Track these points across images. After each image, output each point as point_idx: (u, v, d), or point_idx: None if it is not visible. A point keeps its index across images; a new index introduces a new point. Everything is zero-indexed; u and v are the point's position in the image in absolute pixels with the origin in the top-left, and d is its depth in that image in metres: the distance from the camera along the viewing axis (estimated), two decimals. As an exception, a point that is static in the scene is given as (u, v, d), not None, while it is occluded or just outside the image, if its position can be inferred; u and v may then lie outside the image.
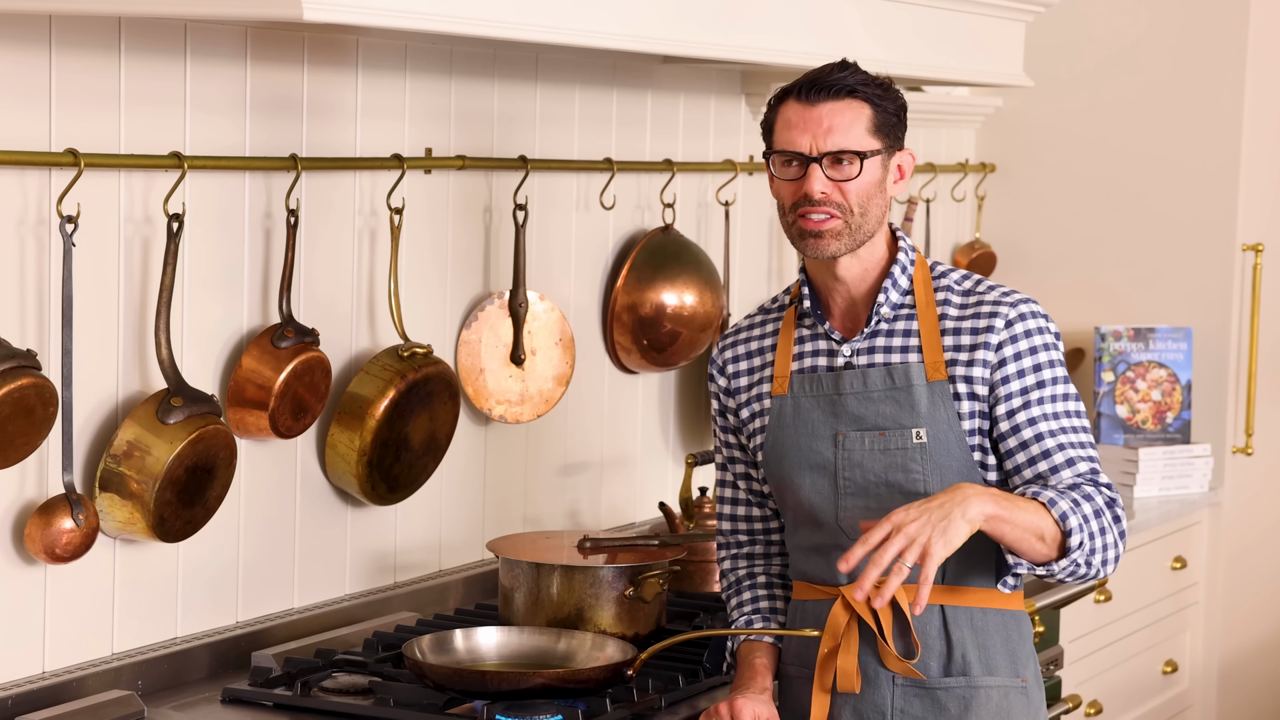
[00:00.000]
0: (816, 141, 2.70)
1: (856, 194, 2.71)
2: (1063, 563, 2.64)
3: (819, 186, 2.70)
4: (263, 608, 3.16)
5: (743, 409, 2.88)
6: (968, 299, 2.78)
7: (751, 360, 2.89)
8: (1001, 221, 5.27)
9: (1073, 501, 2.65)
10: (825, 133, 2.69)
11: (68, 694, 2.78)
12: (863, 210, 2.72)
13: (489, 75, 3.53)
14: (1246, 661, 5.06)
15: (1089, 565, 2.67)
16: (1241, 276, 4.95)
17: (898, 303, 2.79)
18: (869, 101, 2.71)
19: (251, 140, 3.06)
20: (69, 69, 2.75)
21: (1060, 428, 2.73)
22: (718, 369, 2.93)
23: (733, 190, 4.18)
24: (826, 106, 2.70)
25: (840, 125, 2.70)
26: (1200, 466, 4.90)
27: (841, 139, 2.69)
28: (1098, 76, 5.09)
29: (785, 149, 2.72)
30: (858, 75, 2.72)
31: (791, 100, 2.73)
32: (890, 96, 2.74)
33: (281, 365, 3.02)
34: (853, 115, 2.70)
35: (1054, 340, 2.76)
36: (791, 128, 2.72)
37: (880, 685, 2.76)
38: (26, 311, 2.74)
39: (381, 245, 3.32)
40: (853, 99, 2.71)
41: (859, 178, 2.70)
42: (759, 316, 2.92)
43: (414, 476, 3.34)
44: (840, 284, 2.78)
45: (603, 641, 2.99)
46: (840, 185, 2.70)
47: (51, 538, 2.72)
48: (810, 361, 2.82)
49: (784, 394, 2.82)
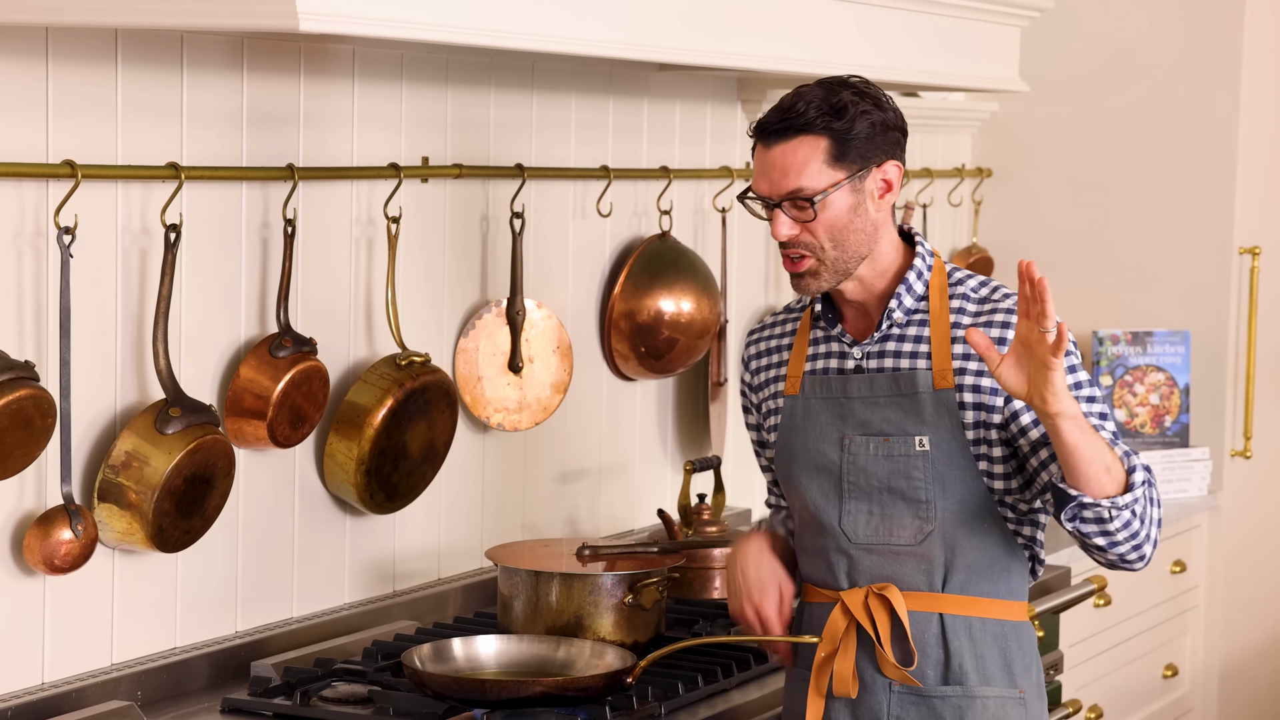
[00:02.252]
0: (773, 186, 2.69)
1: (825, 230, 2.69)
2: (1126, 497, 2.57)
3: (784, 230, 2.70)
4: (262, 617, 3.17)
5: (764, 404, 2.90)
6: (982, 307, 2.76)
7: (770, 358, 2.90)
8: (998, 226, 5.27)
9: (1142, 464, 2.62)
10: (780, 176, 2.68)
11: (67, 705, 2.78)
12: (836, 243, 2.70)
13: (485, 84, 3.54)
14: (1247, 665, 5.06)
15: (1143, 523, 2.61)
16: (1239, 279, 4.95)
17: (911, 308, 2.78)
18: (825, 133, 2.66)
19: (248, 150, 3.06)
20: (66, 80, 2.75)
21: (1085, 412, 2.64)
22: (744, 364, 2.96)
23: (729, 197, 4.18)
24: (779, 148, 2.68)
25: (794, 166, 2.67)
26: (1199, 470, 4.90)
27: (795, 180, 2.67)
28: (1093, 81, 5.10)
29: (755, 193, 2.73)
30: (817, 105, 2.66)
31: (758, 141, 2.72)
32: (853, 117, 2.67)
33: (279, 375, 3.03)
34: (805, 154, 2.67)
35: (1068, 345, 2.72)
36: (757, 170, 2.72)
37: (877, 691, 2.76)
38: (24, 323, 2.74)
39: (379, 254, 3.32)
40: (805, 135, 2.66)
41: (823, 215, 2.69)
42: (782, 315, 2.94)
43: (412, 485, 3.35)
44: (845, 295, 2.79)
45: (602, 649, 2.99)
46: (806, 226, 2.70)
47: (50, 549, 2.72)
48: (823, 363, 2.83)
49: (796, 394, 2.83)
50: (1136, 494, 2.59)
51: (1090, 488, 2.58)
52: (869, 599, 2.75)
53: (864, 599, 2.75)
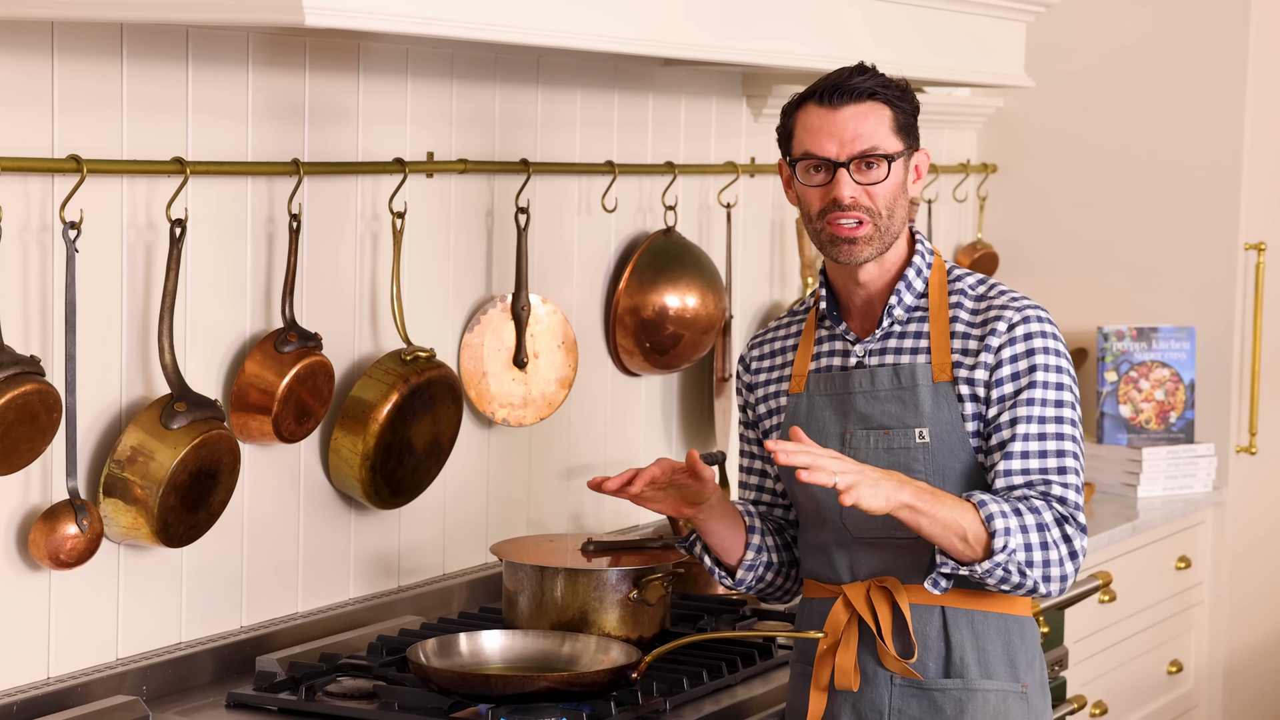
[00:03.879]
0: (843, 146, 2.70)
1: (884, 197, 2.72)
2: (986, 564, 2.64)
3: (848, 191, 2.70)
4: (267, 612, 3.17)
5: (760, 404, 2.91)
6: (979, 304, 2.78)
7: (774, 359, 2.91)
8: (1003, 222, 5.27)
9: (1013, 510, 2.65)
10: (852, 137, 2.70)
11: (72, 699, 2.79)
12: (890, 213, 2.73)
13: (490, 79, 3.53)
14: (1252, 661, 5.06)
15: (1023, 575, 2.66)
16: (1244, 275, 4.95)
17: (912, 305, 2.79)
18: (889, 103, 2.73)
19: (254, 145, 3.06)
20: (71, 75, 2.75)
21: (1040, 433, 2.71)
22: (743, 366, 2.96)
23: (734, 192, 4.18)
24: (850, 110, 2.71)
25: (866, 128, 2.70)
26: (1204, 466, 4.89)
27: (868, 142, 2.70)
28: (1099, 76, 5.09)
29: (811, 154, 2.72)
30: (877, 78, 2.73)
31: (812, 105, 2.73)
32: (908, 98, 2.76)
33: (284, 370, 3.03)
34: (876, 118, 2.71)
35: (1054, 347, 2.74)
36: (816, 133, 2.71)
37: (878, 684, 2.76)
38: (30, 318, 2.74)
39: (384, 249, 3.32)
40: (874, 101, 2.72)
41: (886, 180, 2.71)
42: (787, 318, 2.95)
43: (417, 480, 3.35)
44: (860, 287, 2.79)
45: (607, 644, 2.99)
46: (868, 189, 2.71)
47: (56, 543, 2.72)
48: (826, 361, 2.84)
49: (800, 393, 2.84)
50: (998, 559, 2.63)
51: (950, 555, 2.66)
52: (871, 592, 2.76)
53: (866, 592, 2.76)
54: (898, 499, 2.60)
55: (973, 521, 2.63)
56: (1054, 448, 2.71)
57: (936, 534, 2.64)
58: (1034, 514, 2.66)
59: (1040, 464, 2.70)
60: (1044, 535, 2.66)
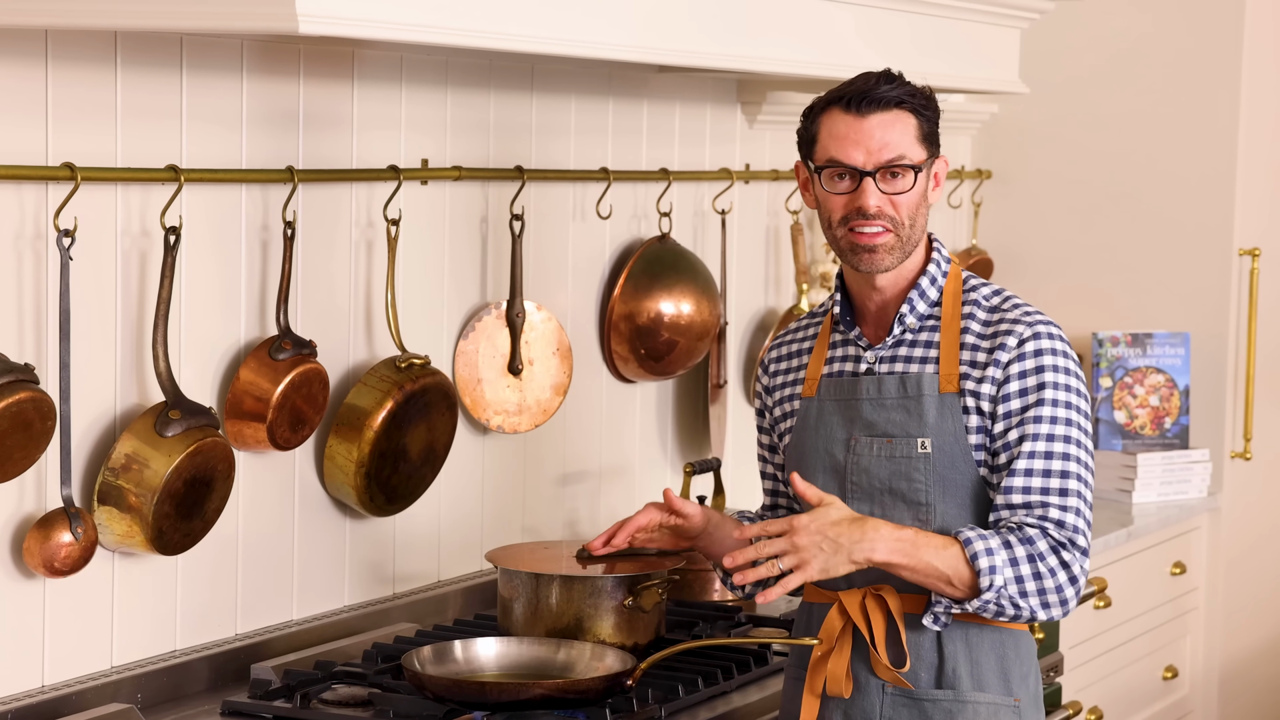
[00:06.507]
0: (870, 155, 2.69)
1: (907, 206, 2.72)
2: (976, 603, 2.64)
3: (874, 201, 2.70)
4: (262, 620, 3.16)
5: (776, 407, 2.92)
6: (991, 315, 2.77)
7: (791, 361, 2.91)
8: (998, 228, 5.27)
9: (1002, 543, 2.64)
10: (879, 146, 2.69)
11: (67, 708, 2.78)
12: (912, 221, 2.73)
13: (485, 86, 3.54)
14: (1247, 667, 5.06)
15: (1018, 607, 2.65)
16: (1239, 281, 4.95)
17: (924, 313, 2.79)
18: (915, 112, 2.73)
19: (248, 152, 3.06)
20: (65, 83, 2.75)
21: (1046, 452, 2.69)
22: (763, 368, 2.97)
23: (729, 199, 4.18)
24: (877, 118, 2.70)
25: (893, 137, 2.70)
26: (1199, 472, 4.90)
27: (895, 151, 2.69)
28: (1093, 82, 5.10)
29: (837, 161, 2.71)
30: (904, 86, 2.73)
31: (838, 112, 2.71)
32: (932, 105, 2.76)
33: (279, 377, 3.03)
34: (902, 126, 2.71)
35: (1065, 365, 2.71)
36: (842, 140, 2.70)
37: (870, 692, 2.76)
38: (24, 325, 2.74)
39: (378, 256, 3.32)
40: (901, 110, 2.71)
41: (911, 190, 2.71)
42: (805, 320, 2.95)
43: (412, 487, 3.35)
44: (876, 292, 2.79)
45: (602, 651, 2.99)
46: (893, 199, 2.71)
47: (50, 551, 2.72)
48: (839, 366, 2.84)
49: (812, 396, 2.84)
50: (985, 598, 2.64)
51: (943, 595, 2.68)
52: (866, 600, 2.75)
53: (861, 600, 2.76)
54: (866, 557, 2.63)
55: (957, 563, 2.64)
56: (1058, 468, 2.69)
57: (920, 581, 2.66)
58: (1026, 544, 2.65)
59: (1042, 484, 2.69)
60: (1036, 565, 2.64)
